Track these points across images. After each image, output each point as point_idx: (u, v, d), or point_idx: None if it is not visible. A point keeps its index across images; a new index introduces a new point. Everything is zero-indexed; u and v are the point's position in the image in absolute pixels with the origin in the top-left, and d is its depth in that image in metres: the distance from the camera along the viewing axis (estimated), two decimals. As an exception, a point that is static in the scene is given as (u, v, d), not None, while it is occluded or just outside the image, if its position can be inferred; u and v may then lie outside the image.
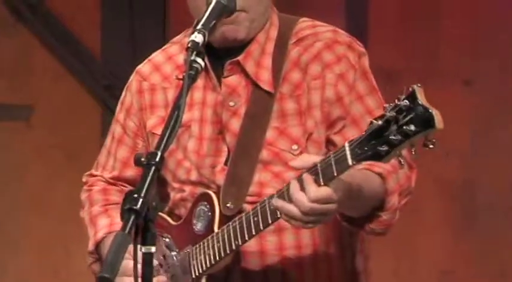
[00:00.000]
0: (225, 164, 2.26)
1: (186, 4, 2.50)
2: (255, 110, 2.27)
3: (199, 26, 2.11)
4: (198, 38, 2.08)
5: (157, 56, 2.39)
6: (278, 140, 2.26)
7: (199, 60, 2.05)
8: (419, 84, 1.87)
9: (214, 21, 2.14)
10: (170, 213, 2.33)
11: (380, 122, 1.90)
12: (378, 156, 1.92)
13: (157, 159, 1.89)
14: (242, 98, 2.26)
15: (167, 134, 1.96)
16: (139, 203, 1.82)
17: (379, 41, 4.13)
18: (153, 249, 1.86)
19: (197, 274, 2.25)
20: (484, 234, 4.14)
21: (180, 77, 2.20)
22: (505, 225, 4.10)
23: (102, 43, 4.43)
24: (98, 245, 2.35)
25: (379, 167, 2.14)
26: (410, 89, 1.88)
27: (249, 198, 2.23)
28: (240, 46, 2.27)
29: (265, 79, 2.25)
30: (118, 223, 2.08)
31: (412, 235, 4.19)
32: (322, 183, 2.03)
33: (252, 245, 2.23)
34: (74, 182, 4.63)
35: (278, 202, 2.08)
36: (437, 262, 4.18)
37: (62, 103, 4.38)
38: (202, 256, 2.25)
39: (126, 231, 1.80)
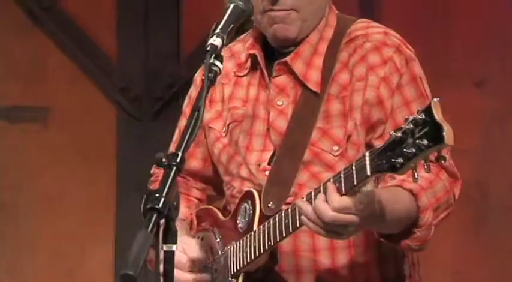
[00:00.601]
0: (269, 162, 2.27)
1: (198, 9, 2.54)
2: (302, 110, 2.28)
3: (217, 30, 2.11)
4: (216, 41, 2.09)
5: (222, 52, 2.37)
6: (321, 140, 2.26)
7: (217, 63, 2.07)
8: (437, 99, 1.87)
9: (232, 25, 2.14)
10: (224, 209, 2.36)
11: (398, 134, 1.90)
12: (394, 168, 1.92)
13: (178, 160, 1.90)
14: (290, 97, 2.27)
15: (188, 134, 1.97)
16: (161, 202, 1.85)
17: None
18: (173, 247, 1.87)
19: (234, 271, 2.27)
20: (497, 234, 4.11)
21: (240, 74, 2.34)
22: None
23: (117, 46, 4.46)
24: None
25: (411, 183, 2.12)
26: (428, 103, 1.90)
27: (290, 199, 2.23)
28: (295, 45, 2.29)
29: (313, 79, 2.26)
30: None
31: None
32: (343, 192, 2.03)
33: (286, 245, 2.24)
34: (89, 182, 4.36)
35: (303, 206, 2.09)
36: (451, 263, 4.16)
37: (78, 105, 4.42)
38: (241, 254, 2.26)
39: (149, 229, 1.82)
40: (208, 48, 2.06)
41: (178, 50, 4.47)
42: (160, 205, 1.84)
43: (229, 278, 2.28)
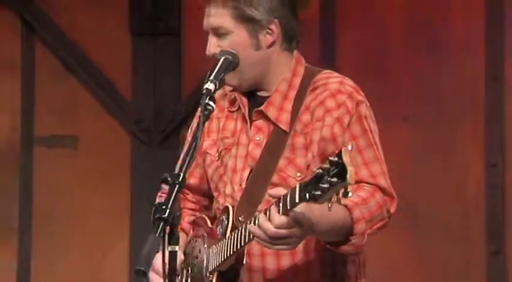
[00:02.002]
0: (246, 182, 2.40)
1: (196, 62, 2.52)
2: (273, 144, 2.42)
3: (211, 77, 2.31)
4: (210, 86, 2.29)
5: (218, 92, 2.47)
6: (287, 167, 2.39)
7: (211, 103, 2.26)
8: (350, 146, 2.07)
9: (223, 74, 2.34)
10: (214, 218, 2.48)
11: (319, 171, 2.06)
12: (314, 198, 2.08)
13: (180, 179, 2.11)
14: (265, 133, 2.42)
15: (188, 159, 2.17)
16: (167, 213, 2.04)
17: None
18: (176, 248, 2.06)
19: (211, 269, 2.41)
20: (422, 236, 4.41)
21: (231, 110, 2.47)
22: (442, 233, 4.41)
23: (132, 89, 4.81)
24: None
25: (347, 200, 2.20)
26: (341, 149, 2.06)
27: (257, 214, 2.29)
28: (265, 89, 2.44)
29: (283, 121, 2.41)
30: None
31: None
32: (281, 213, 2.17)
33: (255, 248, 2.37)
34: (109, 197, 4.84)
35: (251, 228, 2.23)
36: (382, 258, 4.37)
37: (100, 134, 4.78)
38: (216, 255, 2.40)
39: (157, 234, 2.02)
40: (204, 92, 2.26)
41: (180, 93, 4.76)
42: (166, 215, 2.04)
43: (207, 275, 2.41)
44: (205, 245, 2.45)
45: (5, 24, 4.77)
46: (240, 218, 2.35)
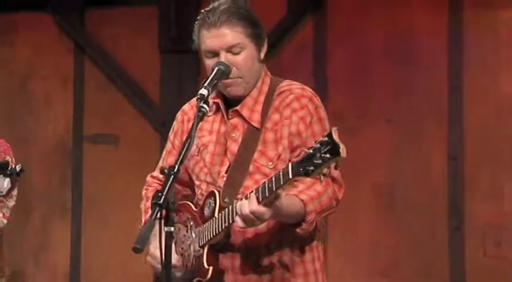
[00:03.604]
0: (226, 172, 2.45)
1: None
2: (248, 139, 2.46)
3: (205, 84, 2.33)
4: (204, 91, 2.31)
5: (193, 101, 2.55)
6: (260, 158, 2.44)
7: (205, 105, 2.28)
8: (335, 127, 2.11)
9: (216, 81, 2.36)
10: (196, 204, 2.51)
11: (311, 151, 2.10)
12: (307, 173, 2.10)
13: (175, 170, 2.14)
14: (240, 131, 2.46)
15: (182, 154, 2.20)
16: (162, 199, 2.06)
17: (337, 92, 4.69)
18: (172, 229, 2.06)
19: (202, 243, 2.44)
20: (401, 217, 4.58)
21: (208, 115, 2.40)
22: (413, 212, 4.57)
23: (160, 96, 4.97)
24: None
25: (305, 194, 2.31)
26: (329, 130, 2.11)
27: (238, 197, 2.37)
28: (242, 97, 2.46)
29: (255, 120, 2.45)
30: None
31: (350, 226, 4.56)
32: (260, 200, 2.23)
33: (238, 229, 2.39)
34: (141, 185, 4.44)
35: (237, 206, 2.29)
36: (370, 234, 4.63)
37: (136, 134, 4.95)
38: (206, 232, 2.43)
39: (153, 218, 2.03)
40: (198, 96, 2.29)
41: None
42: (161, 201, 2.05)
43: (198, 248, 2.43)
44: (193, 225, 2.44)
45: (61, 45, 5.10)
46: (225, 200, 2.38)
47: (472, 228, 4.54)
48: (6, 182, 2.96)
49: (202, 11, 2.43)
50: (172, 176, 2.10)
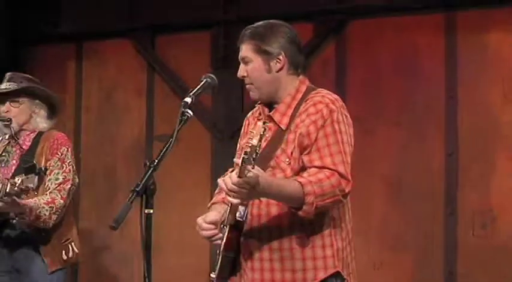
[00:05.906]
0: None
1: None
2: (275, 138, 2.62)
3: (191, 93, 2.47)
4: (188, 99, 2.45)
5: (254, 109, 2.73)
6: (281, 155, 2.59)
7: (189, 111, 2.40)
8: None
9: (200, 91, 2.52)
10: None
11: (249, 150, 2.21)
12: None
13: (155, 164, 2.32)
14: (272, 131, 2.64)
15: (163, 150, 2.35)
16: (140, 186, 2.28)
17: (355, 100, 4.93)
18: (151, 211, 2.20)
19: (225, 223, 2.63)
20: (410, 199, 4.81)
21: (259, 118, 2.62)
22: (416, 199, 4.83)
23: (212, 103, 5.43)
24: (209, 208, 2.74)
25: (304, 178, 2.38)
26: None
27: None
28: (276, 102, 2.60)
29: (284, 122, 2.62)
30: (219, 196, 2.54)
31: (365, 215, 4.75)
32: (238, 175, 2.32)
33: (259, 209, 2.54)
34: (196, 174, 5.38)
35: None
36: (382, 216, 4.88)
37: (192, 134, 5.24)
38: (227, 213, 2.58)
39: (129, 201, 2.19)
40: (182, 103, 2.42)
41: (242, 105, 5.28)
42: (139, 188, 2.25)
43: (223, 227, 2.62)
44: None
45: (137, 65, 5.50)
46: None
47: (463, 213, 4.77)
48: (35, 180, 3.29)
49: None
50: (151, 168, 2.30)
